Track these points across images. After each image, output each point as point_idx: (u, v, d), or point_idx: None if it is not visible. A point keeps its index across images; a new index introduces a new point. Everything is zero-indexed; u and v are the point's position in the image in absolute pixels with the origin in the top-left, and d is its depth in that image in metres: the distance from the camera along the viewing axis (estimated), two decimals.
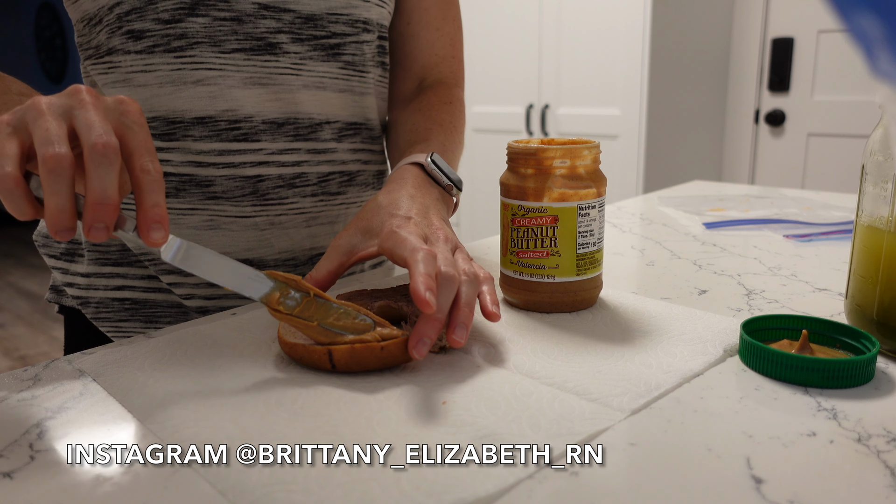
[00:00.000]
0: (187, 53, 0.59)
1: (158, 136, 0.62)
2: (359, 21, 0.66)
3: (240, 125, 0.62)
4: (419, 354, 0.43)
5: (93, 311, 0.68)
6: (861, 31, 0.18)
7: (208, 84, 0.60)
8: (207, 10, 0.59)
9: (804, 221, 0.90)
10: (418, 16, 0.74)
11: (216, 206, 0.63)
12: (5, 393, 0.43)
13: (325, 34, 0.64)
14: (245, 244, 0.65)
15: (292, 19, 0.62)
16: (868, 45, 0.18)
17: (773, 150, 2.57)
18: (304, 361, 0.44)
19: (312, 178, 0.66)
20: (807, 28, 2.41)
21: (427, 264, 0.44)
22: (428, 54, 0.76)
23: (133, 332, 0.67)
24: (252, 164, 0.63)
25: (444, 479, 0.32)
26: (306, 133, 0.65)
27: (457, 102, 0.75)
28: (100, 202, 0.37)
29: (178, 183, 0.63)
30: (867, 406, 0.39)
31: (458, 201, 0.63)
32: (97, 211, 0.37)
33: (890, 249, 0.45)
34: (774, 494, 0.31)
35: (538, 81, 2.60)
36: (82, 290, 0.68)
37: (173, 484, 0.33)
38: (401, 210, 0.53)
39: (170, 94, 0.60)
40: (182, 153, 0.62)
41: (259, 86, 0.62)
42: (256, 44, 0.61)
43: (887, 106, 0.21)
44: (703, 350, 0.47)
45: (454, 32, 0.77)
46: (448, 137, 0.69)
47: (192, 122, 0.61)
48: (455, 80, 0.78)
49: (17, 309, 3.63)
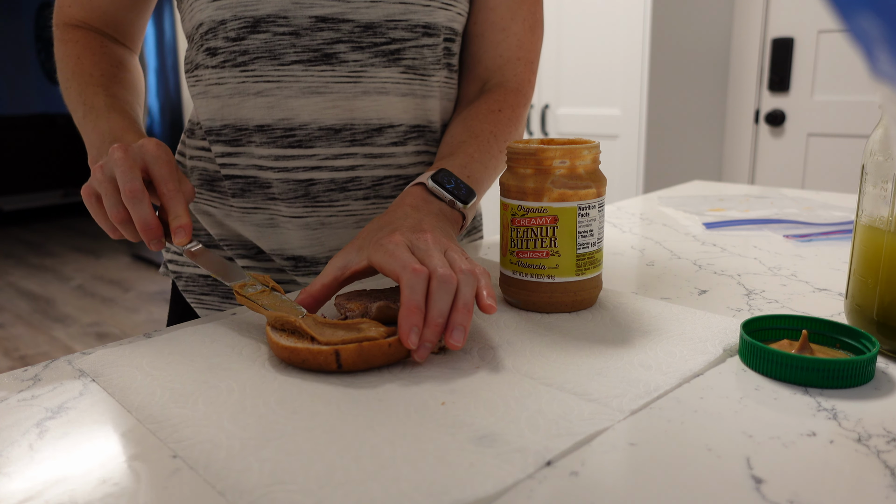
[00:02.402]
0: (249, 67, 0.66)
1: (227, 142, 0.69)
2: (419, 26, 0.67)
3: (295, 133, 0.66)
4: (420, 358, 0.44)
5: (183, 283, 0.79)
6: (861, 31, 0.18)
7: (267, 95, 0.66)
8: (268, 27, 0.64)
9: (804, 221, 0.90)
10: (484, 15, 0.73)
11: (275, 207, 0.69)
12: (5, 393, 0.43)
13: (385, 40, 0.66)
14: (299, 242, 0.71)
15: (351, 28, 0.65)
16: (868, 46, 0.18)
17: (773, 150, 2.57)
18: (308, 365, 0.44)
19: (366, 181, 0.69)
20: (807, 28, 2.41)
21: (415, 291, 0.45)
22: (492, 55, 0.74)
23: (211, 305, 0.77)
24: (305, 168, 0.67)
25: (443, 479, 0.32)
26: (363, 138, 0.68)
27: (507, 109, 0.73)
28: (145, 228, 0.53)
29: (243, 184, 0.70)
30: (867, 406, 0.39)
31: (466, 215, 0.62)
32: (147, 233, 0.53)
33: (890, 249, 0.45)
34: (774, 494, 0.31)
35: (538, 81, 2.60)
36: (178, 266, 0.79)
37: (173, 484, 0.33)
38: (391, 226, 0.53)
39: (237, 104, 0.67)
40: (247, 157, 0.68)
41: (317, 94, 0.66)
42: (314, 55, 0.65)
43: (887, 106, 0.21)
44: (702, 349, 0.47)
45: (524, 33, 0.74)
46: (481, 149, 0.67)
47: (255, 130, 0.67)
48: (518, 84, 0.76)
49: (17, 309, 3.63)
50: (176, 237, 0.54)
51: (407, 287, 0.45)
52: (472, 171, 0.65)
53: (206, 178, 0.73)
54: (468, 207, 0.61)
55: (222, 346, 0.49)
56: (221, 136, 0.69)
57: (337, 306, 0.52)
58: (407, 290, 0.45)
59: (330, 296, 0.53)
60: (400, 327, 0.44)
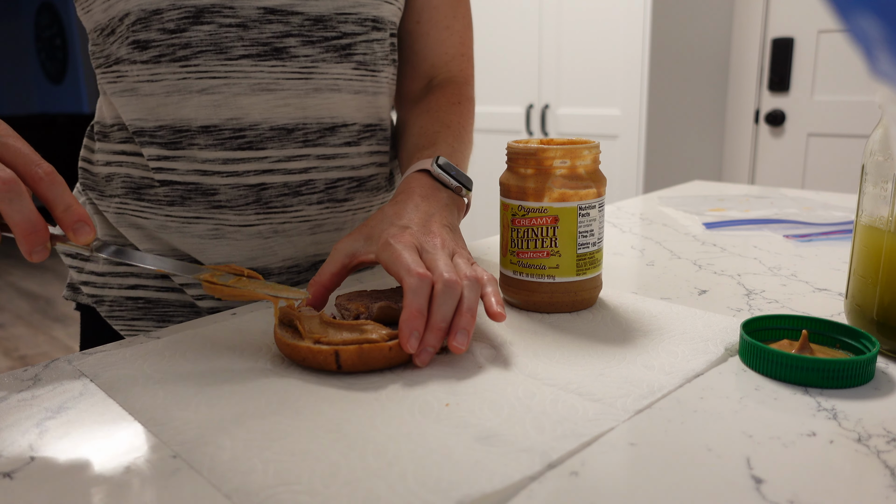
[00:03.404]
0: (192, 62, 0.60)
1: (164, 144, 0.62)
2: (368, 19, 0.65)
3: (244, 133, 0.62)
4: (422, 363, 0.44)
5: (107, 309, 0.69)
6: (861, 32, 0.18)
7: (212, 93, 0.60)
8: (212, 18, 0.59)
9: (804, 221, 0.90)
10: (428, 14, 0.74)
11: (220, 216, 0.63)
12: (5, 393, 0.43)
13: (336, 34, 0.63)
14: (249, 253, 0.65)
15: (301, 21, 0.61)
16: (868, 46, 0.18)
17: (773, 150, 2.57)
18: (308, 363, 0.44)
19: (320, 184, 0.66)
20: (807, 28, 2.41)
21: (418, 295, 0.45)
22: (438, 53, 0.76)
23: (145, 330, 0.68)
24: (256, 172, 0.63)
25: (449, 475, 0.32)
26: (315, 138, 0.64)
27: (466, 102, 0.74)
28: (31, 230, 0.40)
29: (183, 192, 0.63)
30: (867, 406, 0.39)
31: (469, 201, 0.63)
32: (32, 237, 0.40)
33: (890, 249, 0.45)
34: (774, 494, 0.31)
35: (538, 81, 2.60)
36: (97, 288, 0.69)
37: (173, 484, 0.33)
38: (402, 220, 0.53)
39: (176, 103, 0.61)
40: (188, 162, 0.62)
41: (267, 91, 0.61)
42: (263, 49, 0.60)
43: (887, 106, 0.21)
44: (703, 349, 0.47)
45: (464, 30, 0.77)
46: (456, 139, 0.68)
47: (198, 131, 0.61)
48: (465, 78, 0.78)
49: (17, 309, 3.63)
50: (77, 234, 0.41)
51: (410, 291, 0.45)
52: (458, 161, 0.66)
53: (132, 185, 0.65)
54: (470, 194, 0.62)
55: (223, 348, 0.49)
56: (156, 138, 0.62)
57: (337, 306, 0.52)
58: (410, 293, 0.45)
59: (339, 283, 0.53)
60: (401, 331, 0.44)
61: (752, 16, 2.52)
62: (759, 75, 2.54)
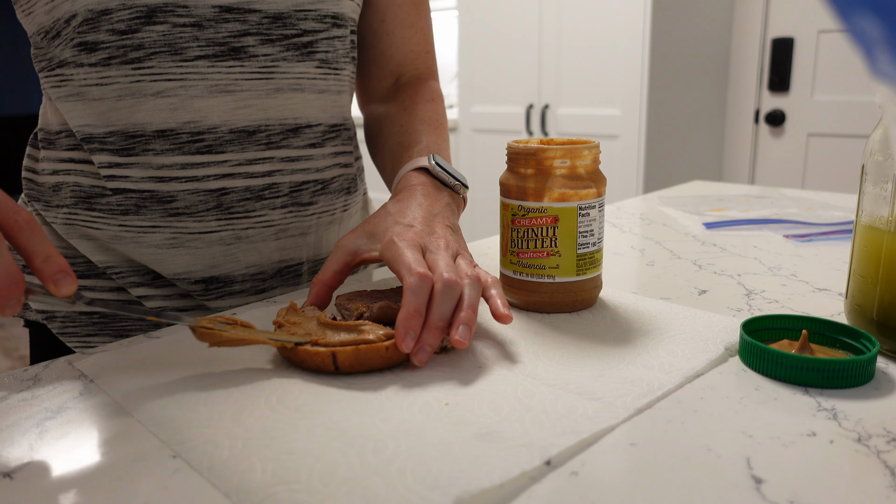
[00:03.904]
0: (145, 64, 0.57)
1: (116, 151, 0.59)
2: (328, 16, 0.63)
3: (203, 137, 0.59)
4: (419, 362, 0.44)
5: (59, 325, 0.65)
6: (861, 32, 0.18)
7: (168, 95, 0.58)
8: (166, 18, 0.56)
9: (804, 221, 0.90)
10: (393, 13, 0.74)
11: (179, 223, 0.61)
12: (5, 393, 0.43)
13: (296, 32, 0.61)
14: (211, 261, 0.63)
15: (259, 20, 0.59)
16: (868, 46, 0.18)
17: (773, 150, 2.57)
18: (306, 365, 0.44)
19: (284, 188, 0.63)
20: (807, 28, 2.41)
21: (417, 295, 0.45)
22: (404, 51, 0.75)
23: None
24: (216, 176, 0.60)
25: (448, 471, 0.32)
26: (279, 140, 0.62)
27: (438, 98, 0.74)
28: (9, 283, 0.36)
29: (138, 199, 0.60)
30: (867, 406, 0.39)
31: (465, 198, 0.63)
32: (10, 290, 0.37)
33: (890, 249, 0.45)
34: (774, 494, 0.31)
35: (538, 81, 2.60)
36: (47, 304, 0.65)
37: (173, 484, 0.33)
38: (406, 218, 0.53)
39: (129, 107, 0.58)
40: (142, 168, 0.59)
41: (225, 93, 0.59)
42: (219, 49, 0.58)
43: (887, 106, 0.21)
44: (704, 348, 0.47)
45: (427, 27, 0.77)
46: (439, 136, 0.68)
47: (153, 136, 0.58)
48: (430, 73, 0.78)
49: None
50: (59, 286, 0.38)
51: (409, 290, 0.45)
52: (443, 157, 0.66)
53: (82, 195, 0.62)
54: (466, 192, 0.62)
55: (222, 348, 0.49)
56: (107, 144, 0.59)
57: (337, 306, 0.52)
58: (409, 293, 0.45)
59: (342, 281, 0.53)
60: (397, 331, 0.43)
61: (752, 16, 2.52)
62: (759, 75, 2.54)
